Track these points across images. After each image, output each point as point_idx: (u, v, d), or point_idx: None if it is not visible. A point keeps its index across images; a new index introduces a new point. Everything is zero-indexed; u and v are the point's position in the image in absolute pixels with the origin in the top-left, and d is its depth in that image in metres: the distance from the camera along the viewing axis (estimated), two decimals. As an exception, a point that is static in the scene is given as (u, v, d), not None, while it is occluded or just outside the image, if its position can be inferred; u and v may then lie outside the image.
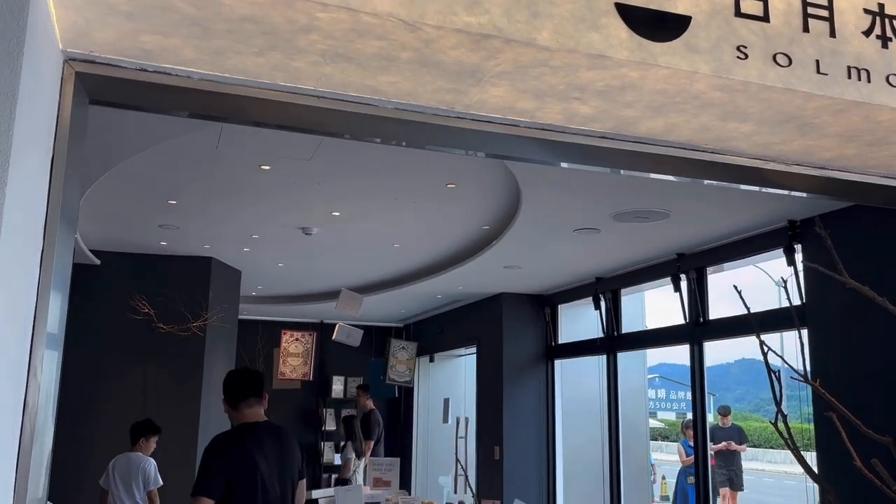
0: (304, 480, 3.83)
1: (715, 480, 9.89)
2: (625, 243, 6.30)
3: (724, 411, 11.18)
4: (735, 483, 10.77)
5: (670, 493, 17.11)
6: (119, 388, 6.76)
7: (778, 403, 4.53)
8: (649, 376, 11.85)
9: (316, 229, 6.14)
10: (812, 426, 5.36)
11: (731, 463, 10.78)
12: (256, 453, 3.52)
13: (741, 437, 11.08)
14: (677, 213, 5.32)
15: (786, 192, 2.97)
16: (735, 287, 4.95)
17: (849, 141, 2.47)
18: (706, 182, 3.08)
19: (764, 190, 3.08)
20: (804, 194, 3.07)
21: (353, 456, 8.44)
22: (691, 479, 9.50)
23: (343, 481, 8.12)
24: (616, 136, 2.39)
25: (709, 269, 6.35)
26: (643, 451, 9.11)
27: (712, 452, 9.68)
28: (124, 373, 6.84)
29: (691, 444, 9.64)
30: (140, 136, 4.07)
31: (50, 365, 1.99)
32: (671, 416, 31.69)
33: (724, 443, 10.47)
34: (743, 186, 3.04)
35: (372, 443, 8.67)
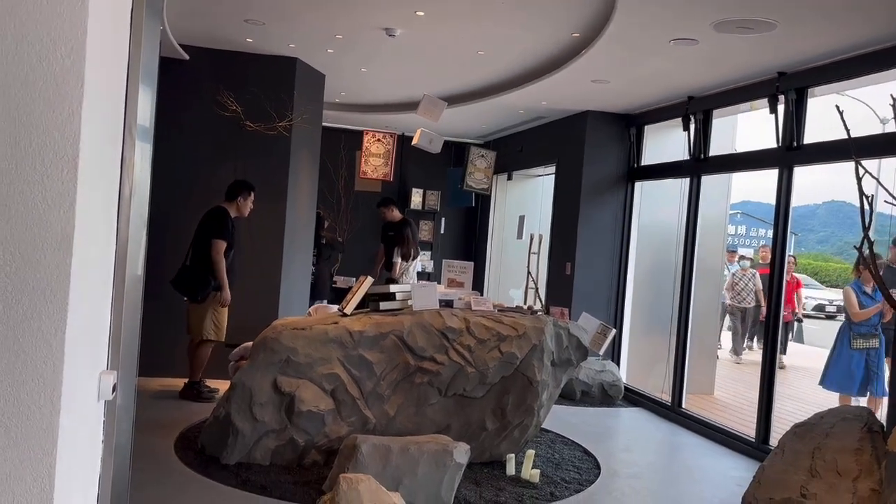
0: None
1: (888, 342, 7.03)
2: (723, 58, 5.94)
3: None
4: None
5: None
6: (208, 183, 7.07)
7: (866, 228, 4.41)
8: (731, 212, 11.40)
9: (399, 30, 6.00)
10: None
11: None
12: None
13: None
14: (785, 23, 4.94)
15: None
16: (837, 107, 4.69)
17: None
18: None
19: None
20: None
21: (400, 259, 8.79)
22: (864, 343, 7.00)
23: (392, 282, 8.51)
24: None
25: (812, 90, 5.97)
26: (717, 283, 9.11)
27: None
28: (213, 168, 7.12)
29: (867, 289, 7.08)
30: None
31: (142, 158, 2.07)
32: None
33: None
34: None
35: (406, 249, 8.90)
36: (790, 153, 6.10)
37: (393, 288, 5.49)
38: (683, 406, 7.40)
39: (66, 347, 1.53)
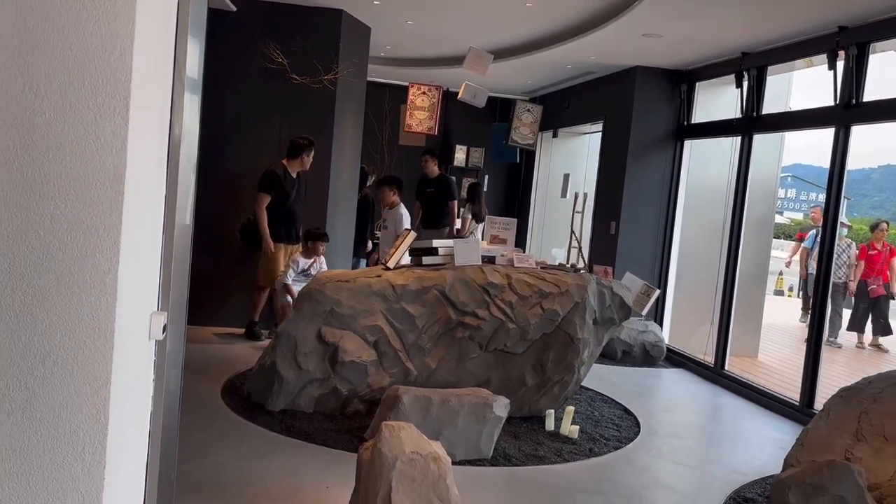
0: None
1: None
2: (781, 11, 5.73)
3: None
4: None
5: (785, 289, 16.84)
6: (254, 134, 7.11)
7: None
8: (782, 175, 10.88)
9: (447, -19, 5.90)
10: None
11: None
12: None
13: None
14: (849, -26, 4.73)
15: None
16: (901, 63, 4.48)
17: None
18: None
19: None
20: None
21: (470, 216, 8.79)
22: None
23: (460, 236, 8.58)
24: None
25: (874, 45, 5.72)
26: (765, 245, 8.88)
27: None
28: (259, 121, 7.16)
29: None
30: None
31: (191, 108, 2.08)
32: (799, 217, 30.74)
33: None
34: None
35: (455, 202, 9.02)
36: (848, 111, 5.89)
37: (436, 243, 5.50)
38: (726, 368, 7.33)
39: (118, 285, 1.57)
